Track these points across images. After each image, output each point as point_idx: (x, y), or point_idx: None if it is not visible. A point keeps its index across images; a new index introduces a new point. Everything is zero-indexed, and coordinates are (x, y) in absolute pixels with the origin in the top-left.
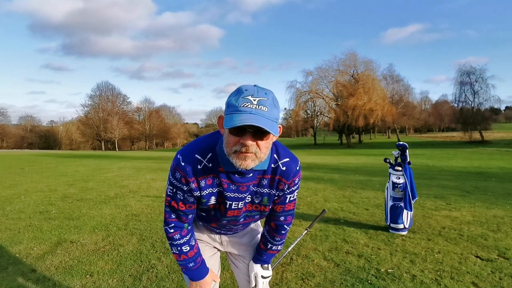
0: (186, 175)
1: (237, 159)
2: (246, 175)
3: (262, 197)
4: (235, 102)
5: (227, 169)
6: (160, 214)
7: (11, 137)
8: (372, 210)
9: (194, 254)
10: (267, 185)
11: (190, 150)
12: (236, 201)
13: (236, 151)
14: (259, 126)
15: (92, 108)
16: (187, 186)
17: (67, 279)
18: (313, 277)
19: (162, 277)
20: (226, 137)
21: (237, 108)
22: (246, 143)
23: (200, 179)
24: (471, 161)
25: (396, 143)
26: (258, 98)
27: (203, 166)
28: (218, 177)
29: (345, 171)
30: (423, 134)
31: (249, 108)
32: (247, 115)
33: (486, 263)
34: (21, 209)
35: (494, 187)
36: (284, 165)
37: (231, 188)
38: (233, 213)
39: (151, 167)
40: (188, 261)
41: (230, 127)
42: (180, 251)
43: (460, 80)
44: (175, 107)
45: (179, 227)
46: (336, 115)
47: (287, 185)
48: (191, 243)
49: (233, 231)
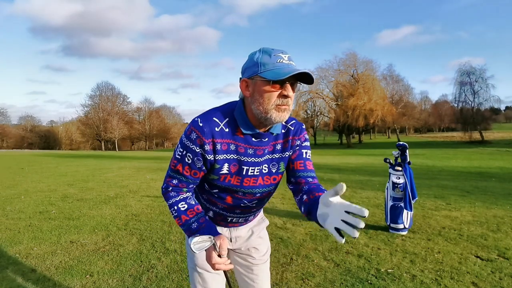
0: (203, 136)
1: (278, 112)
2: (263, 139)
3: (278, 163)
4: (269, 60)
5: (246, 131)
6: (160, 214)
7: (11, 137)
8: (372, 210)
9: (195, 214)
10: (280, 149)
11: (208, 114)
12: (253, 166)
13: (278, 104)
14: (308, 72)
15: (92, 108)
16: (201, 148)
17: (67, 279)
18: (313, 277)
19: (162, 277)
20: (264, 94)
21: (274, 64)
22: (289, 93)
23: (217, 141)
24: (471, 161)
25: (396, 143)
26: (287, 55)
27: (220, 129)
28: (235, 142)
29: (345, 171)
30: (423, 134)
31: (285, 63)
32: (290, 67)
33: (486, 263)
34: (21, 209)
35: (494, 187)
36: (292, 126)
37: (248, 152)
38: (250, 182)
39: (151, 167)
40: (189, 221)
41: (284, 77)
42: (178, 211)
43: (460, 80)
44: (175, 107)
45: (177, 190)
46: (336, 115)
47: (299, 140)
48: (189, 201)
49: (246, 216)
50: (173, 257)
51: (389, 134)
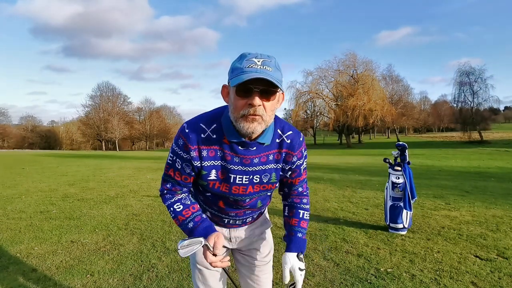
0: (189, 143)
1: (245, 122)
2: (250, 148)
3: (270, 174)
4: (239, 65)
5: (231, 139)
6: (160, 214)
7: (12, 137)
8: (371, 210)
9: (191, 213)
10: (273, 160)
11: (195, 120)
12: (241, 174)
13: (244, 114)
14: (266, 79)
15: (93, 108)
16: (188, 154)
17: (67, 278)
18: (313, 277)
19: (163, 277)
20: (233, 102)
21: (242, 70)
22: (254, 102)
23: (203, 148)
24: (470, 161)
25: (396, 143)
26: (262, 59)
27: (206, 135)
28: (221, 149)
29: (345, 171)
30: (422, 134)
31: (254, 68)
32: (253, 73)
33: (485, 262)
34: (22, 209)
35: (493, 187)
36: (288, 138)
37: (234, 160)
38: (238, 190)
39: (151, 167)
40: (185, 221)
41: (237, 84)
42: (174, 212)
43: (459, 80)
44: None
45: (171, 193)
46: (335, 115)
47: (296, 157)
48: (184, 201)
49: (242, 218)
50: (174, 257)
51: (389, 134)
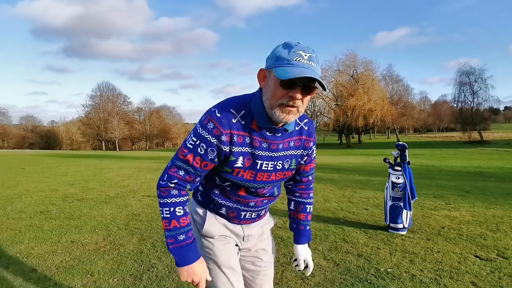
0: (221, 126)
1: (281, 112)
2: (276, 134)
3: (291, 160)
4: (286, 55)
5: (261, 124)
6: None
7: (12, 137)
8: (371, 210)
9: (187, 224)
10: (293, 147)
11: (225, 104)
12: (267, 160)
13: (282, 104)
14: (317, 79)
15: (93, 108)
16: (217, 138)
17: (67, 278)
18: (313, 277)
19: (163, 277)
20: (272, 89)
21: (289, 62)
22: (296, 96)
23: (234, 133)
24: (470, 161)
25: (396, 143)
26: (308, 54)
27: (237, 121)
28: (250, 135)
29: (345, 171)
30: (422, 134)
31: (301, 62)
32: (301, 69)
33: (485, 262)
34: (21, 209)
35: (493, 187)
36: (306, 125)
37: (263, 146)
38: (263, 177)
39: (151, 167)
40: (179, 230)
41: (286, 79)
42: (172, 214)
43: (459, 80)
44: (175, 107)
45: (181, 185)
46: (335, 115)
47: (312, 142)
48: (185, 208)
49: (259, 209)
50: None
51: (389, 134)
